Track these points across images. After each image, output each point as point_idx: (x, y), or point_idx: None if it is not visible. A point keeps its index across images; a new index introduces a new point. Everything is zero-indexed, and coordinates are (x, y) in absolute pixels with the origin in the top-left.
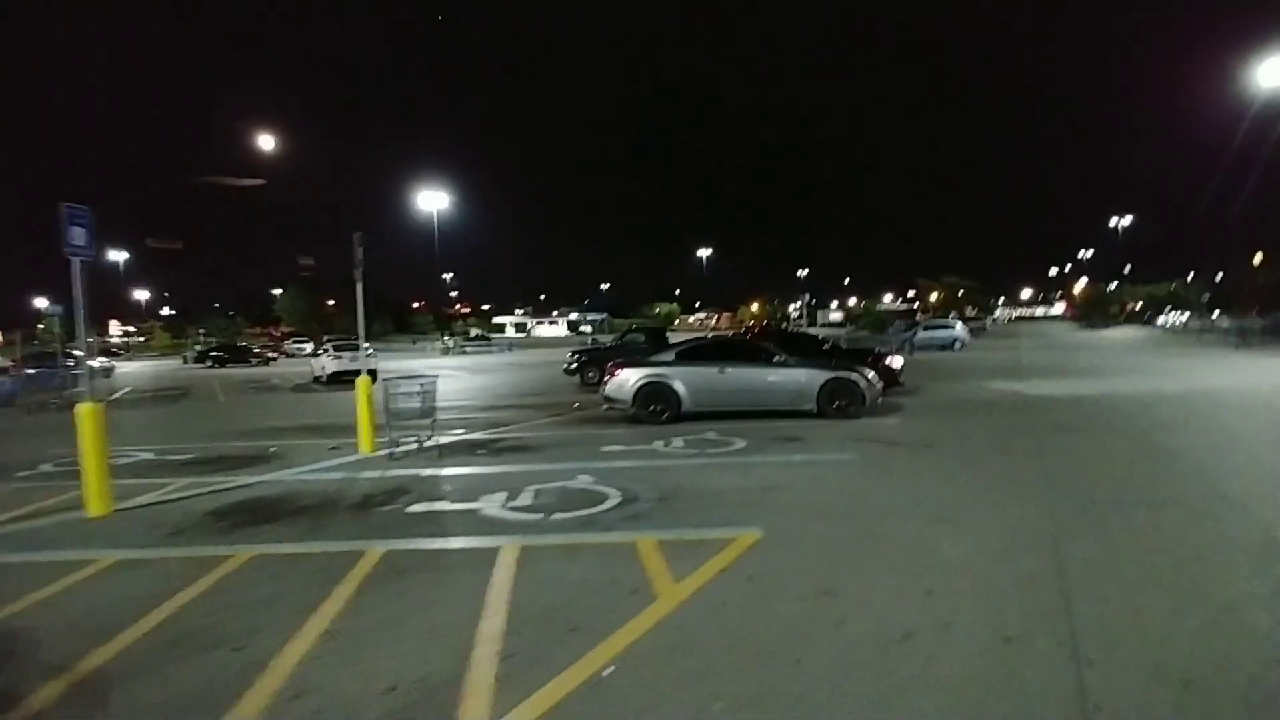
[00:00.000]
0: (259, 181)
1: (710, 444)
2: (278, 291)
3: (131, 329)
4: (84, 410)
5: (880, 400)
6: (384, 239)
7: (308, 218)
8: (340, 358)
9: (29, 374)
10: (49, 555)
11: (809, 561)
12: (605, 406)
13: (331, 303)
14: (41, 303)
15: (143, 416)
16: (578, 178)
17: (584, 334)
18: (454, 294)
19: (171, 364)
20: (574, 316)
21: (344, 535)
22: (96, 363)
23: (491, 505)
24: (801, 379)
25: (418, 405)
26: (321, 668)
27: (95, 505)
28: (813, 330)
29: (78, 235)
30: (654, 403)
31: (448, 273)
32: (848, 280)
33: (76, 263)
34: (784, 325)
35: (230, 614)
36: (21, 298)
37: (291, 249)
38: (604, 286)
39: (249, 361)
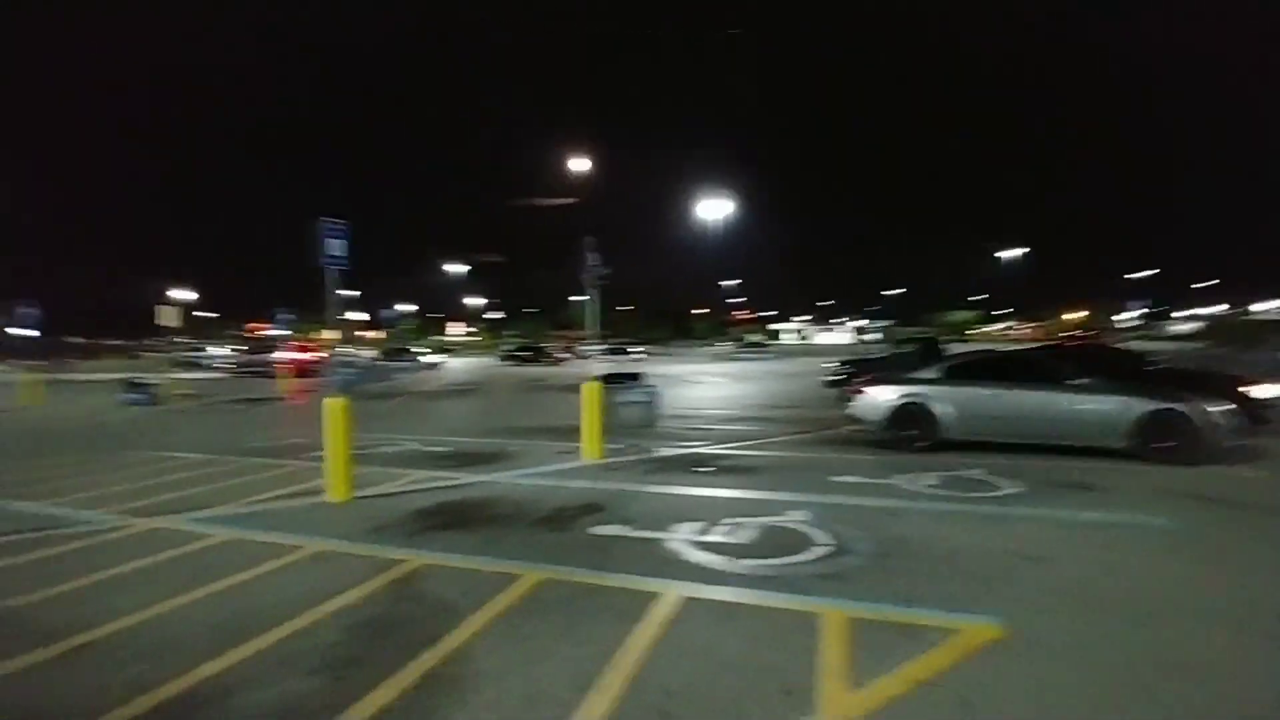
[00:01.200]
0: (571, 200)
1: (970, 485)
2: (583, 298)
3: (473, 330)
4: (332, 405)
5: (1232, 443)
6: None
7: (608, 229)
8: (607, 360)
9: (364, 367)
10: (272, 537)
11: (1064, 689)
12: (851, 429)
13: (631, 308)
14: (402, 308)
15: (430, 408)
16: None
17: (866, 343)
18: (737, 301)
19: (487, 361)
20: (859, 323)
21: (512, 553)
22: (429, 359)
23: (678, 537)
24: (1109, 407)
25: (640, 413)
26: None
27: (335, 492)
28: (1147, 345)
29: (335, 247)
30: (909, 427)
31: (734, 279)
32: (1208, 281)
33: (332, 271)
34: (1096, 338)
35: (349, 637)
36: (381, 304)
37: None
38: (895, 292)
39: (544, 361)
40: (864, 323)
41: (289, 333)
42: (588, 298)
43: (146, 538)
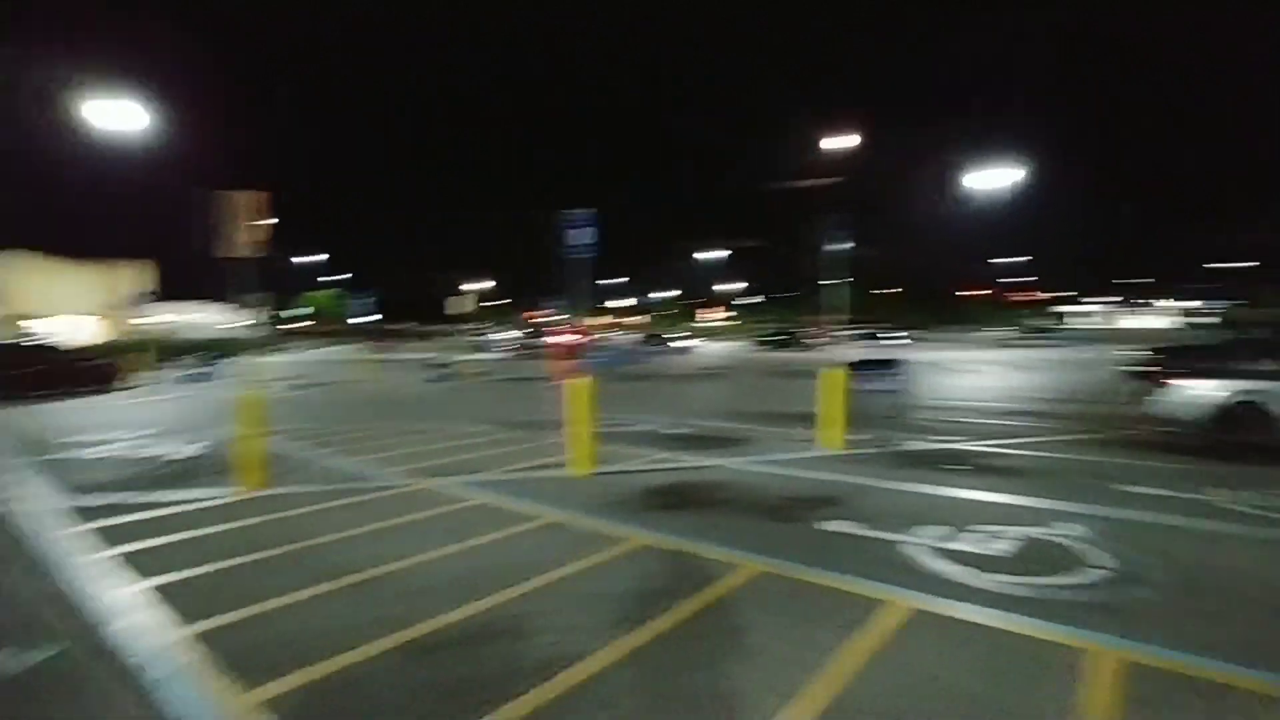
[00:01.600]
0: (835, 179)
1: None
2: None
3: (730, 314)
4: (575, 386)
5: None
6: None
7: (874, 207)
8: (860, 346)
9: (621, 350)
10: (517, 504)
11: None
12: (1153, 429)
13: (897, 290)
14: (665, 294)
15: (677, 391)
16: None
17: (1195, 327)
18: (1021, 280)
19: (740, 346)
20: (1187, 304)
21: (734, 541)
22: (680, 343)
23: (918, 541)
24: None
25: (888, 402)
26: None
27: (577, 466)
28: None
29: (579, 237)
30: (1239, 430)
31: (1022, 256)
32: None
33: (576, 260)
34: None
35: (555, 608)
36: (648, 289)
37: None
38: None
39: (798, 346)
40: (1194, 304)
41: (564, 317)
42: (837, 280)
43: (420, 496)
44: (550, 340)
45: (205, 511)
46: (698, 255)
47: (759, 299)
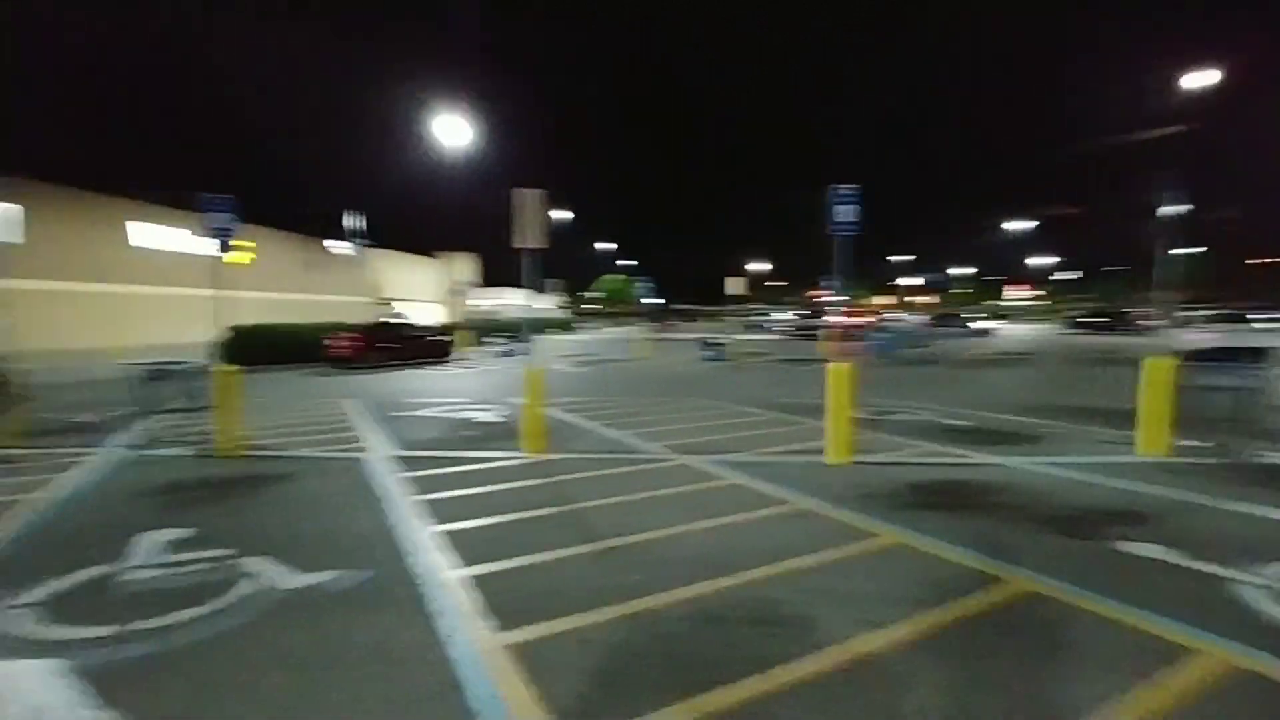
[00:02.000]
0: (1177, 129)
1: None
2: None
3: (1039, 293)
4: (836, 369)
5: None
6: None
7: (1225, 161)
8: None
9: (902, 332)
10: (767, 488)
11: None
12: None
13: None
14: (959, 271)
15: (965, 377)
16: None
17: None
18: None
19: (1049, 329)
20: None
21: (1001, 553)
22: (980, 325)
23: (1257, 581)
24: None
25: (1234, 402)
26: None
27: (835, 454)
28: None
29: (844, 213)
30: None
31: None
32: None
33: (842, 238)
34: None
35: (789, 599)
36: (937, 268)
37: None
38: None
39: (1126, 330)
40: None
41: (844, 298)
42: (1181, 250)
43: (676, 471)
44: (827, 321)
45: (494, 470)
46: (1001, 227)
47: (1074, 275)
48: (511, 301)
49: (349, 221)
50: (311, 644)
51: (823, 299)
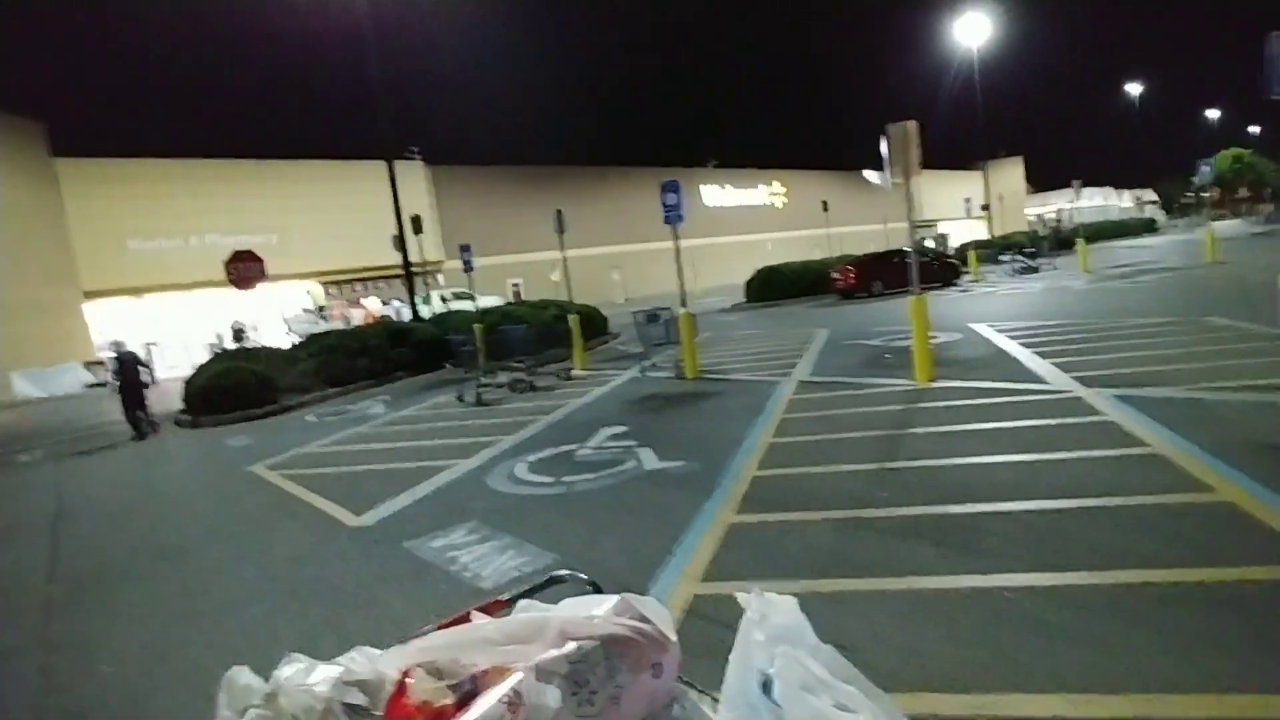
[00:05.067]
0: None
1: None
2: None
3: None
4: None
5: None
6: None
7: None
8: None
9: None
10: (1150, 430)
11: None
12: None
13: None
14: None
15: None
16: None
17: None
18: None
19: None
20: None
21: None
22: None
23: None
24: None
25: None
26: None
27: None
28: None
29: None
30: None
31: None
32: None
33: None
34: None
35: (1070, 531)
36: None
37: None
38: None
39: None
40: None
41: None
42: None
43: (1058, 405)
44: None
45: (866, 396)
46: None
47: None
48: (1076, 205)
49: (884, 149)
50: (636, 499)
51: None
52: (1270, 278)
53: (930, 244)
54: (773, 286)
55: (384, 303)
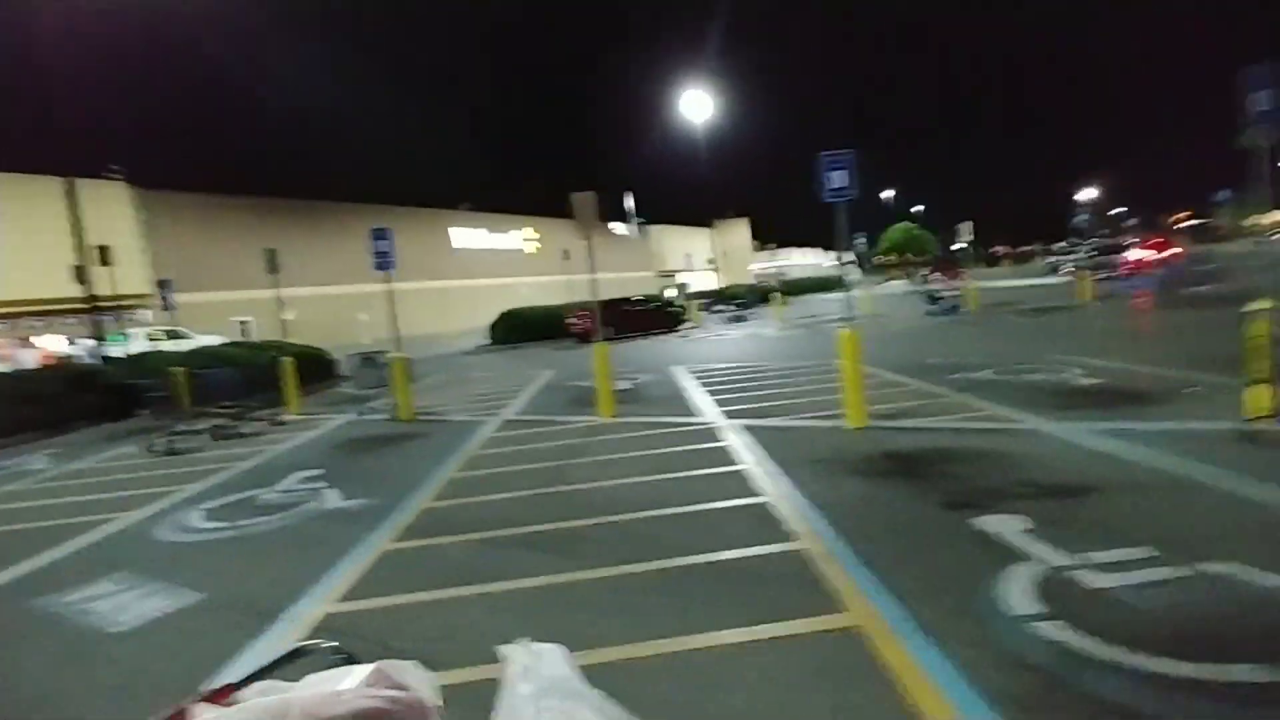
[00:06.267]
0: None
1: None
2: None
3: None
4: (841, 335)
5: None
6: None
7: None
8: None
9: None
10: (750, 451)
11: None
12: None
13: None
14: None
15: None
16: None
17: None
18: None
19: None
20: None
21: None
22: None
23: None
24: None
25: None
26: None
27: (851, 418)
28: None
29: (837, 179)
30: None
31: None
32: None
33: (838, 205)
34: None
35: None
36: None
37: None
38: None
39: None
40: None
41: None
42: None
43: (694, 434)
44: (1131, 256)
45: (557, 431)
46: None
47: None
48: (792, 263)
49: (629, 203)
50: (306, 536)
51: (1184, 224)
52: (901, 327)
53: (672, 293)
54: (515, 329)
55: (70, 341)
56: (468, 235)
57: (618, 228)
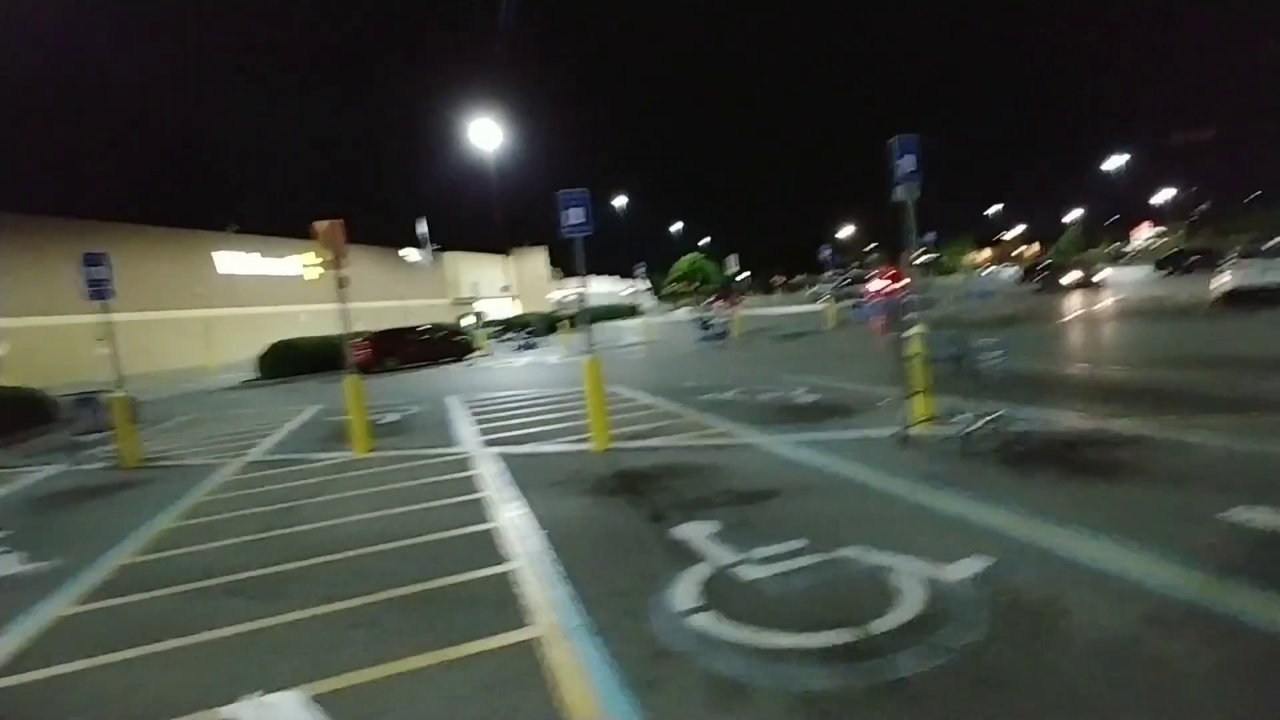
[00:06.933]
0: None
1: None
2: None
3: (1161, 230)
4: (585, 363)
5: None
6: None
7: None
8: (1251, 269)
9: (891, 301)
10: (498, 480)
11: None
12: None
13: None
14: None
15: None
16: None
17: None
18: None
19: (1144, 274)
20: None
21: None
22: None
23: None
24: None
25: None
26: None
27: (596, 441)
28: None
29: (575, 215)
30: None
31: None
32: None
33: (577, 240)
34: None
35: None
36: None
37: None
38: None
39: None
40: None
41: (921, 257)
42: None
43: (451, 464)
44: (872, 287)
45: (303, 470)
46: (1110, 162)
47: (1202, 207)
48: (591, 290)
49: (422, 229)
50: None
51: (912, 260)
52: (673, 352)
53: (470, 320)
54: (288, 361)
55: None
56: (237, 260)
57: (410, 254)
